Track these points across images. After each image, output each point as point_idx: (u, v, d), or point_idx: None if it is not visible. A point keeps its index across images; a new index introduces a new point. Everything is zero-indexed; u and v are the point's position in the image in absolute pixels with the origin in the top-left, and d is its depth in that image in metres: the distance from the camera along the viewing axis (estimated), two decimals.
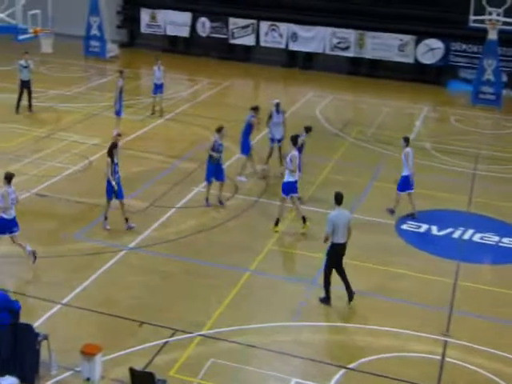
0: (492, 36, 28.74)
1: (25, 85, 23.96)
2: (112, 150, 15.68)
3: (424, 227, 17.12)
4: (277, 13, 34.81)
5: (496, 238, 16.77)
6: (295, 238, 16.38)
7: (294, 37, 34.25)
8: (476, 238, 16.71)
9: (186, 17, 35.84)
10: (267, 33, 34.65)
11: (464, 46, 31.88)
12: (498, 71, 29.24)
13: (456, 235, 16.82)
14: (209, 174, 17.57)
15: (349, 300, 13.46)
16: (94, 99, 26.63)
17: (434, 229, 17.07)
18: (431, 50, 32.37)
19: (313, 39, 34.03)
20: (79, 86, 28.49)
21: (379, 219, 17.34)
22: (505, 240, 16.70)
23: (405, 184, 17.32)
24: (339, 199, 13.31)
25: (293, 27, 34.19)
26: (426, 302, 13.78)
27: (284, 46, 34.58)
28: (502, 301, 14.13)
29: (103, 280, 14.00)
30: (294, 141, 16.57)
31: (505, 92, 30.01)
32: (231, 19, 35.03)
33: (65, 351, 11.24)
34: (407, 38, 32.50)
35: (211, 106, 27.05)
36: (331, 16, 33.86)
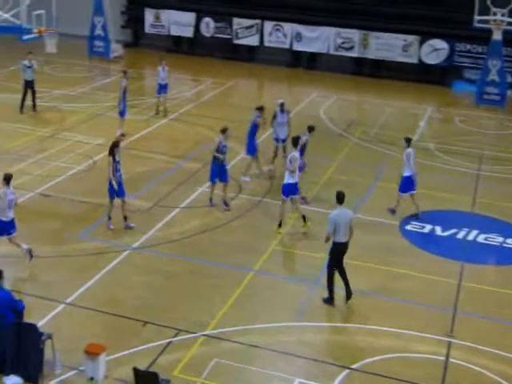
0: (497, 36, 28.71)
1: (29, 85, 23.99)
2: (113, 149, 15.71)
3: (428, 228, 17.10)
4: (281, 13, 34.78)
5: (500, 239, 16.75)
6: (299, 239, 16.37)
7: (298, 37, 34.22)
8: (480, 239, 16.69)
9: (190, 17, 35.83)
10: (271, 33, 34.62)
11: (468, 47, 31.83)
12: (503, 72, 29.21)
13: (460, 236, 16.80)
14: (213, 175, 17.58)
15: (346, 299, 13.48)
16: (98, 99, 26.66)
17: (438, 229, 17.05)
18: (435, 51, 32.32)
19: (317, 39, 33.99)
20: (83, 86, 28.52)
21: (383, 219, 17.33)
22: (509, 241, 16.67)
23: (407, 185, 17.29)
24: (341, 198, 13.31)
25: (297, 27, 34.16)
26: (430, 303, 13.77)
27: (288, 46, 34.54)
28: (507, 302, 14.11)
29: (107, 280, 14.02)
30: (295, 142, 16.58)
31: (509, 93, 29.92)
32: (235, 19, 35.00)
33: (69, 351, 11.26)
34: (411, 39, 32.45)
35: (215, 106, 27.05)
36: (335, 16, 33.84)
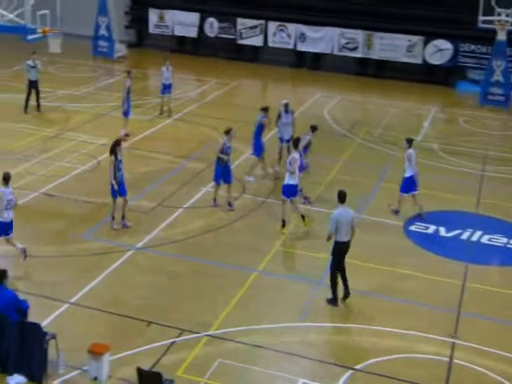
0: (501, 37, 28.68)
1: (33, 85, 24.01)
2: (115, 148, 15.72)
3: (432, 228, 17.08)
4: (285, 13, 34.76)
5: (504, 240, 16.71)
6: (302, 239, 16.35)
7: (302, 37, 34.20)
8: (484, 240, 16.65)
9: (194, 17, 35.83)
10: (275, 33, 34.60)
11: (473, 47, 31.78)
12: (507, 72, 29.13)
13: (464, 236, 16.77)
14: (217, 176, 17.58)
15: (344, 298, 13.50)
16: (103, 99, 26.68)
17: (442, 230, 17.02)
18: (440, 51, 32.27)
19: (321, 40, 33.96)
20: (87, 86, 28.55)
21: (387, 220, 17.31)
22: None
23: (408, 185, 17.27)
24: (342, 197, 13.32)
25: (301, 28, 34.14)
26: (434, 304, 13.75)
27: (292, 47, 34.52)
28: (511, 303, 14.07)
29: (111, 280, 14.03)
30: (296, 144, 16.61)
31: None
32: (239, 19, 34.99)
33: (72, 350, 11.26)
34: (415, 39, 32.40)
35: (219, 107, 27.05)
36: (339, 16, 33.81)
